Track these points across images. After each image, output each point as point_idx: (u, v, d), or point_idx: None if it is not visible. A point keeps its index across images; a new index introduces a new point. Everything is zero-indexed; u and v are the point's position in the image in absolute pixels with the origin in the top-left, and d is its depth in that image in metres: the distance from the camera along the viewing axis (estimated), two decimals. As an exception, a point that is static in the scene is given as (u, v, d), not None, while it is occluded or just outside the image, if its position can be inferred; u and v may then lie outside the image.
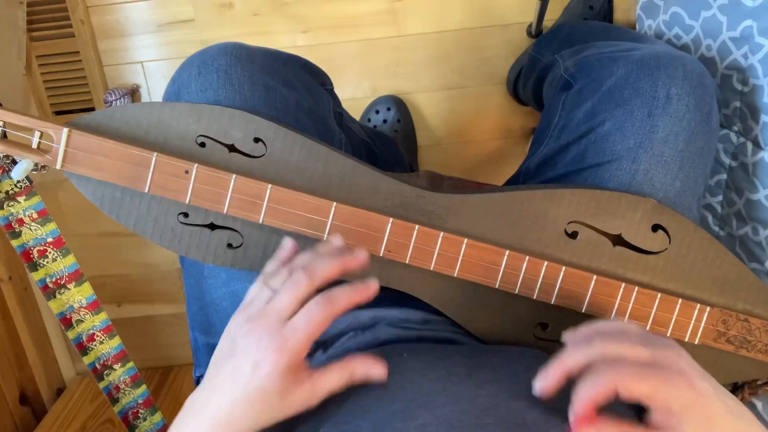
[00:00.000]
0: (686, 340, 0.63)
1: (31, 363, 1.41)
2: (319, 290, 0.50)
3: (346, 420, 0.49)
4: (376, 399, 0.51)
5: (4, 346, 1.33)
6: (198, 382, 0.75)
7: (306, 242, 0.62)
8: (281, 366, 0.47)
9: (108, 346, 0.88)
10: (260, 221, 0.60)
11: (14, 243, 0.79)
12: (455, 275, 0.61)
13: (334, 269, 0.50)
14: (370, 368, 0.50)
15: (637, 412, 0.49)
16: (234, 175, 0.59)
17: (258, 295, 0.52)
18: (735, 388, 0.70)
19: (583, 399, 0.44)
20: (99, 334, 0.87)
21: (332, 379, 0.50)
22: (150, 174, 0.59)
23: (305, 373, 0.49)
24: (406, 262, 0.61)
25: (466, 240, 0.60)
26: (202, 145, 0.60)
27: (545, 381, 0.46)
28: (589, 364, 0.45)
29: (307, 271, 0.50)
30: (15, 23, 1.23)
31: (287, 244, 0.56)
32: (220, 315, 0.69)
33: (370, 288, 0.50)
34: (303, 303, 0.49)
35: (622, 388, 0.43)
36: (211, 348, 0.71)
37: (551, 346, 0.64)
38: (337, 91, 0.85)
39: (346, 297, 0.49)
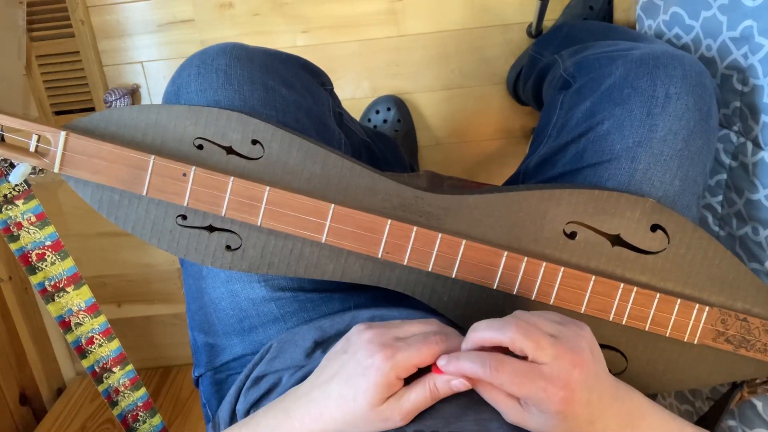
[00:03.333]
0: (685, 339, 0.63)
1: (31, 363, 1.41)
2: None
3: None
4: None
5: (4, 346, 1.33)
6: (197, 382, 0.75)
7: (304, 244, 0.62)
8: (382, 373, 0.48)
9: (107, 349, 0.88)
10: (258, 223, 0.60)
11: (12, 246, 0.79)
12: (453, 276, 0.61)
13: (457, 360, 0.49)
14: (453, 383, 0.50)
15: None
16: (232, 178, 0.59)
17: (391, 321, 0.54)
18: (734, 388, 0.70)
19: (459, 369, 0.48)
20: (98, 337, 0.87)
21: (416, 394, 0.49)
22: (148, 177, 0.59)
23: (397, 393, 0.49)
24: (405, 263, 0.61)
25: (464, 241, 0.60)
26: (200, 147, 0.60)
27: (450, 357, 0.49)
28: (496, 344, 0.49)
29: (444, 339, 0.50)
30: (15, 23, 1.23)
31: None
32: (219, 315, 0.69)
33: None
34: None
35: (497, 386, 0.48)
36: (211, 348, 0.71)
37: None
38: (337, 91, 0.85)
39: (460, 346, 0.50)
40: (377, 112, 1.30)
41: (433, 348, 0.49)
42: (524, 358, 0.48)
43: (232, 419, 0.67)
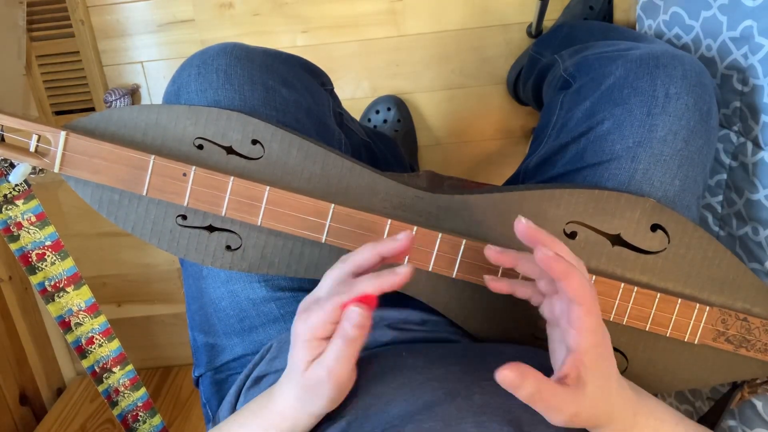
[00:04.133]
0: (686, 339, 0.63)
1: (31, 363, 1.42)
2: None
3: (349, 421, 0.50)
4: (376, 397, 0.51)
5: (4, 346, 1.33)
6: (197, 382, 0.75)
7: (304, 244, 0.62)
8: (302, 339, 0.48)
9: (107, 349, 0.88)
10: (258, 223, 0.60)
11: (12, 246, 0.79)
12: (454, 276, 0.61)
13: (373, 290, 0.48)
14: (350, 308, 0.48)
15: None
16: (232, 178, 0.59)
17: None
18: (734, 388, 0.70)
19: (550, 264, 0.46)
20: (98, 337, 0.87)
21: (332, 345, 0.48)
22: (148, 177, 0.59)
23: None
24: (404, 263, 0.61)
25: (464, 241, 0.60)
26: (200, 147, 0.60)
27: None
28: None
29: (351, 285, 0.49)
30: (15, 23, 1.23)
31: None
32: (219, 315, 0.69)
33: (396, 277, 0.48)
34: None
35: (578, 304, 0.46)
36: (211, 347, 0.71)
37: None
38: (337, 91, 0.85)
39: (371, 286, 0.48)
40: (377, 112, 1.30)
41: (335, 301, 0.47)
42: None
43: (233, 419, 0.67)
